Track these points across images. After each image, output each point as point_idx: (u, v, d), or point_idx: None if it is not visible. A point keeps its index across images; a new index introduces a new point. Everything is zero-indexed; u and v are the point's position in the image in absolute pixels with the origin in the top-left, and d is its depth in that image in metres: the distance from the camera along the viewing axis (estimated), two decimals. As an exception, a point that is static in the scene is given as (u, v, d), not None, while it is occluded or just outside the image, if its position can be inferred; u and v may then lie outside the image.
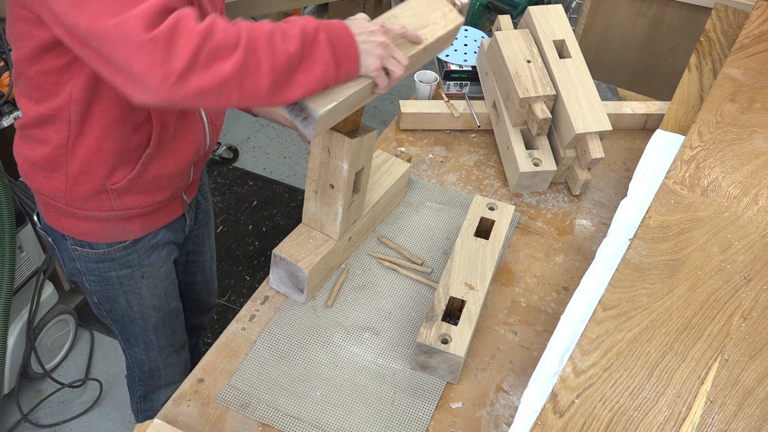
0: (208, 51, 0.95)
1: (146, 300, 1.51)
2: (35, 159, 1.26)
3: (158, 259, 1.47)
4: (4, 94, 1.83)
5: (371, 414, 1.25)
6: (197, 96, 0.97)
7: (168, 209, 1.42)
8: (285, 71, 1.01)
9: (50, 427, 2.22)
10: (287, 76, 1.01)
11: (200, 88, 0.96)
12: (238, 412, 1.23)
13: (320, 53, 1.04)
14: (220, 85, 0.97)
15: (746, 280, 1.27)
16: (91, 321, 2.48)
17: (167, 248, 1.49)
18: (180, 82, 0.95)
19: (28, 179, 1.31)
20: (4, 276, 1.93)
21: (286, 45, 1.00)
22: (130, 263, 1.43)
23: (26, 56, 1.14)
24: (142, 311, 1.52)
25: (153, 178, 1.30)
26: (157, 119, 1.24)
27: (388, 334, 1.37)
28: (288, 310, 1.39)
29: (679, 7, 2.28)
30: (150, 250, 1.44)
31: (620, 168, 1.79)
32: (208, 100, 0.98)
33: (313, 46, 1.03)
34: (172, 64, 0.93)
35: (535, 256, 1.56)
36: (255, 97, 1.00)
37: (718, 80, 1.74)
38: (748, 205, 1.42)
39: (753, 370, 1.14)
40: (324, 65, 1.04)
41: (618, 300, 1.22)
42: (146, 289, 1.49)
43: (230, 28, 0.98)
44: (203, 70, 0.95)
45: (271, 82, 1.00)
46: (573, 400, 1.08)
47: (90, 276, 1.44)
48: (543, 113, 1.61)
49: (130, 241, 1.39)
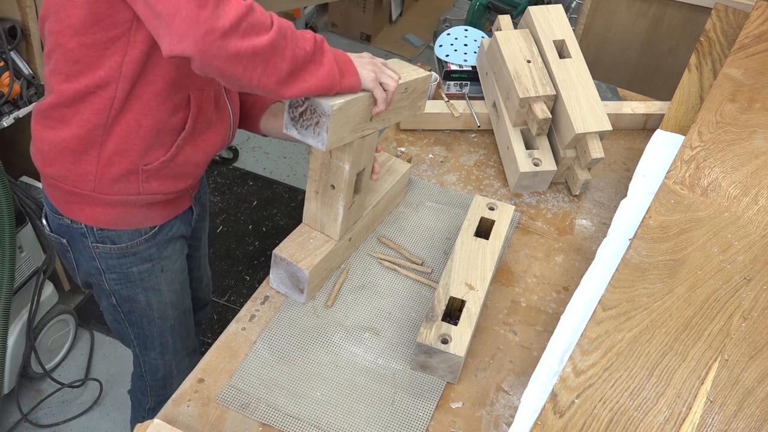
0: (249, 22, 1.04)
1: (165, 296, 1.52)
2: (64, 142, 1.26)
3: (174, 251, 1.49)
4: (4, 94, 1.83)
5: (371, 414, 1.25)
6: (231, 59, 1.04)
7: (180, 200, 1.45)
8: (301, 63, 1.12)
9: (50, 427, 2.22)
10: (302, 68, 1.12)
11: (236, 52, 1.04)
12: (238, 412, 1.23)
13: (327, 60, 1.16)
14: (253, 55, 1.05)
15: (746, 280, 1.27)
16: (91, 321, 2.49)
17: (180, 242, 1.51)
18: (221, 41, 1.02)
19: (52, 166, 1.30)
20: (4, 276, 1.93)
21: (304, 43, 1.13)
22: (151, 257, 1.44)
23: (73, 26, 1.16)
24: (161, 309, 1.54)
25: (182, 163, 1.34)
26: (195, 104, 1.29)
27: (388, 334, 1.37)
28: (288, 310, 1.39)
29: (679, 7, 2.28)
30: (167, 243, 1.46)
31: (620, 168, 1.79)
32: (238, 66, 1.05)
33: (322, 53, 1.16)
34: (217, 22, 1.01)
35: (535, 256, 1.56)
36: (274, 78, 1.09)
37: (718, 80, 1.74)
38: (748, 205, 1.42)
39: (753, 370, 1.14)
40: (330, 70, 1.15)
41: (618, 300, 1.22)
42: (165, 284, 1.50)
43: (266, 12, 1.10)
44: (242, 37, 1.03)
45: (289, 68, 1.10)
46: (573, 400, 1.08)
47: (110, 274, 1.44)
48: (543, 113, 1.61)
49: (150, 233, 1.41)
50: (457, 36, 2.00)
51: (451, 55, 1.93)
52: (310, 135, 1.20)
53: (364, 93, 1.22)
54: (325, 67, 1.15)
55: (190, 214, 1.52)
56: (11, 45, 1.85)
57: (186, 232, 1.53)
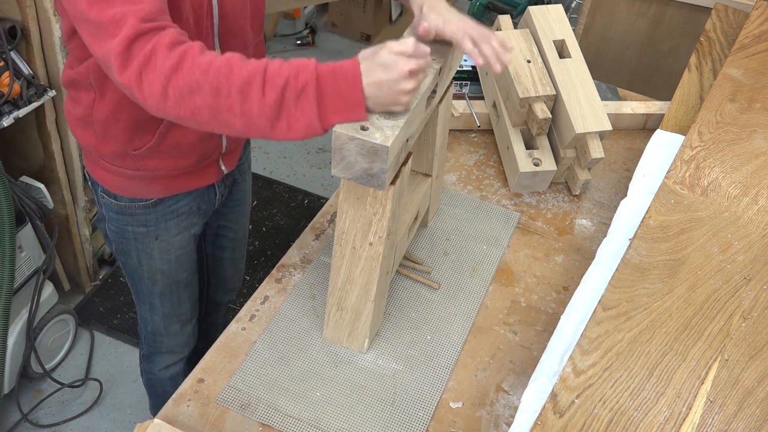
0: (176, 88, 0.99)
1: (156, 262, 1.54)
2: (75, 114, 1.36)
3: (175, 226, 1.50)
4: (4, 94, 1.83)
5: (371, 414, 1.25)
6: (184, 121, 1.03)
7: (196, 175, 1.45)
8: (260, 118, 0.99)
9: (50, 427, 2.21)
10: (266, 122, 0.99)
11: (179, 117, 1.02)
12: (237, 413, 1.23)
13: (305, 107, 0.98)
14: (196, 118, 1.01)
15: (746, 280, 1.27)
16: (91, 321, 2.49)
17: (189, 219, 1.52)
18: (163, 109, 1.01)
19: (74, 131, 1.41)
20: (5, 276, 1.93)
21: (264, 94, 0.97)
22: (147, 222, 1.47)
23: (65, 30, 1.26)
24: (150, 273, 1.56)
25: (174, 145, 1.35)
26: None
27: (388, 334, 1.37)
28: (288, 310, 1.39)
29: (679, 7, 2.28)
30: (169, 215, 1.48)
31: (620, 168, 1.79)
32: (190, 123, 1.03)
33: (299, 99, 0.98)
34: (148, 98, 1.00)
35: (535, 256, 1.56)
36: (233, 131, 1.02)
37: (718, 80, 1.74)
38: (748, 205, 1.42)
39: (753, 370, 1.14)
40: (307, 120, 0.99)
41: (618, 300, 1.22)
42: (158, 251, 1.52)
43: (200, 65, 0.98)
44: (176, 103, 1.00)
45: (244, 125, 1.00)
46: (573, 400, 1.08)
47: (110, 225, 1.50)
48: (543, 113, 1.61)
49: (149, 203, 1.44)
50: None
51: (451, 55, 1.92)
52: (371, 179, 1.06)
53: (414, 102, 1.06)
54: (301, 120, 0.98)
55: (210, 194, 1.53)
56: (11, 45, 1.85)
57: (200, 209, 1.53)
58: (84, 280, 2.51)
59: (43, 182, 2.11)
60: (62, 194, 2.22)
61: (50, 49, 1.93)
